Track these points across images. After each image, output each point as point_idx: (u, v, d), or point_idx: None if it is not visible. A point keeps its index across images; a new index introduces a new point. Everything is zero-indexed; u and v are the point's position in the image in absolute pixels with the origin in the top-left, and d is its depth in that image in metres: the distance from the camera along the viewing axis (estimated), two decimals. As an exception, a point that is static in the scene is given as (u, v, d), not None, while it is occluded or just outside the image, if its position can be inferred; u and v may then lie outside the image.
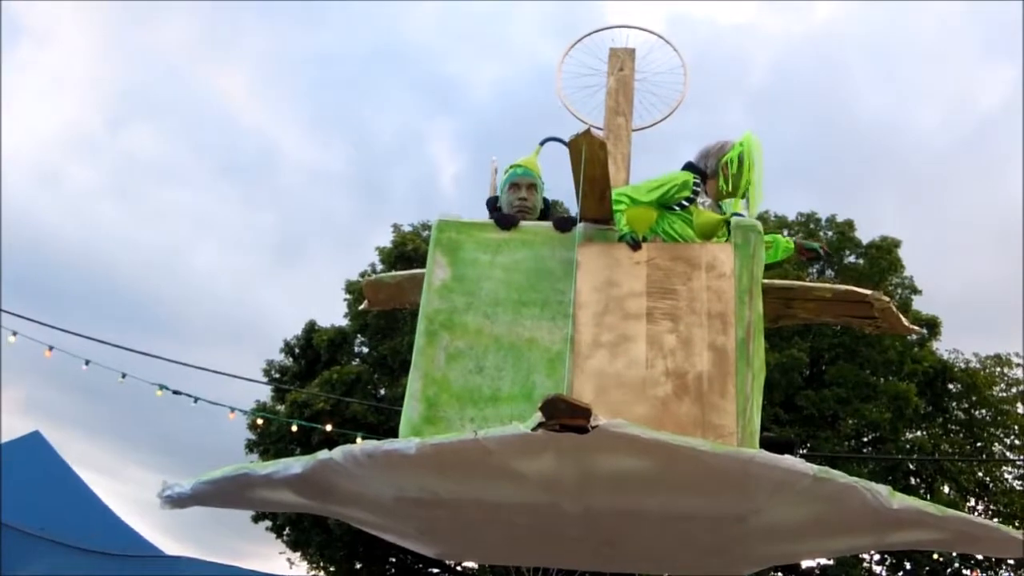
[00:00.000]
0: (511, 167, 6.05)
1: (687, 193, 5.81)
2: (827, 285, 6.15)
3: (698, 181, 5.90)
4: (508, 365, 4.99)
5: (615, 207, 5.39)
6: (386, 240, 29.68)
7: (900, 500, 4.09)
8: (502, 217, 5.45)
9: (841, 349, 28.38)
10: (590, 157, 4.90)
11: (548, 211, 6.03)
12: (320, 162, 63.35)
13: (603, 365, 4.80)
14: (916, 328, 6.66)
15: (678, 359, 4.77)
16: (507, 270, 5.19)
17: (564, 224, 5.27)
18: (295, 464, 4.52)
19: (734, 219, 5.39)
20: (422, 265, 5.54)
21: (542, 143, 6.15)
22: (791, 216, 33.82)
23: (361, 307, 7.19)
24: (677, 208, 5.80)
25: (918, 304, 31.21)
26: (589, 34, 8.06)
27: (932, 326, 30.48)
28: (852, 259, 32.18)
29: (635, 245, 5.12)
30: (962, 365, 31.31)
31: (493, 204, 6.04)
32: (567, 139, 4.95)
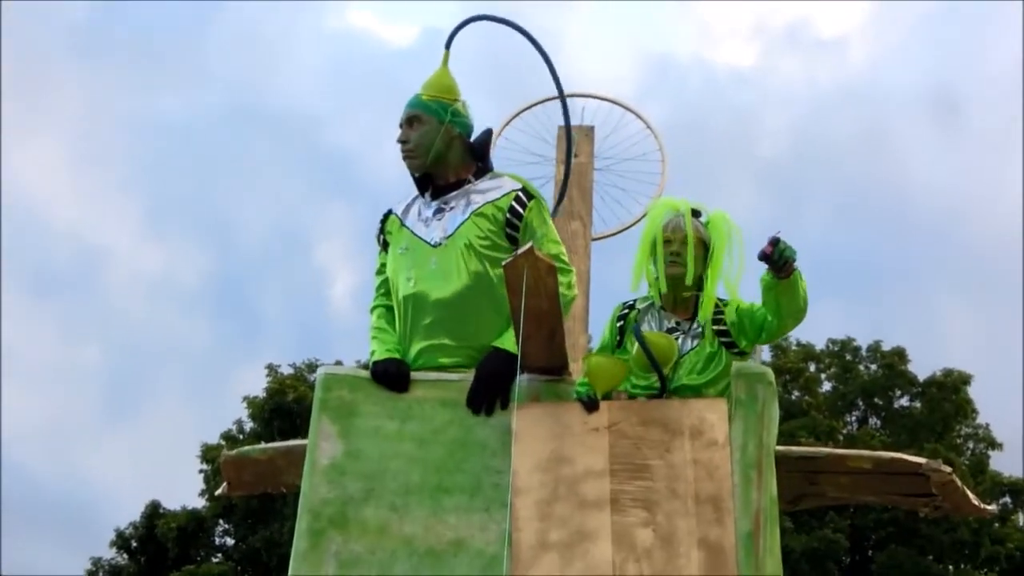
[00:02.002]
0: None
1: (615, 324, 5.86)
2: (865, 453, 6.20)
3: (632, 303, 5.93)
4: (425, 578, 4.97)
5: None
6: (258, 386, 29.57)
7: None
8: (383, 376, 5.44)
9: (893, 528, 28.49)
10: (533, 285, 4.95)
11: (480, 150, 5.84)
12: (165, 272, 63.06)
13: (554, 574, 4.79)
14: (989, 508, 6.71)
15: (656, 563, 4.76)
16: (421, 443, 5.19)
17: (479, 404, 5.27)
18: None
19: (735, 366, 5.44)
20: (308, 421, 5.49)
21: (451, 35, 5.97)
22: (819, 344, 34.17)
23: (218, 492, 7.14)
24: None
25: (998, 463, 31.52)
26: (530, 106, 8.16)
27: (1018, 493, 30.74)
28: (905, 402, 32.52)
29: (591, 405, 5.14)
30: (1061, 545, 31.47)
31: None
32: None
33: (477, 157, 5.77)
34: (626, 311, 5.79)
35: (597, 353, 5.54)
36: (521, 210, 5.55)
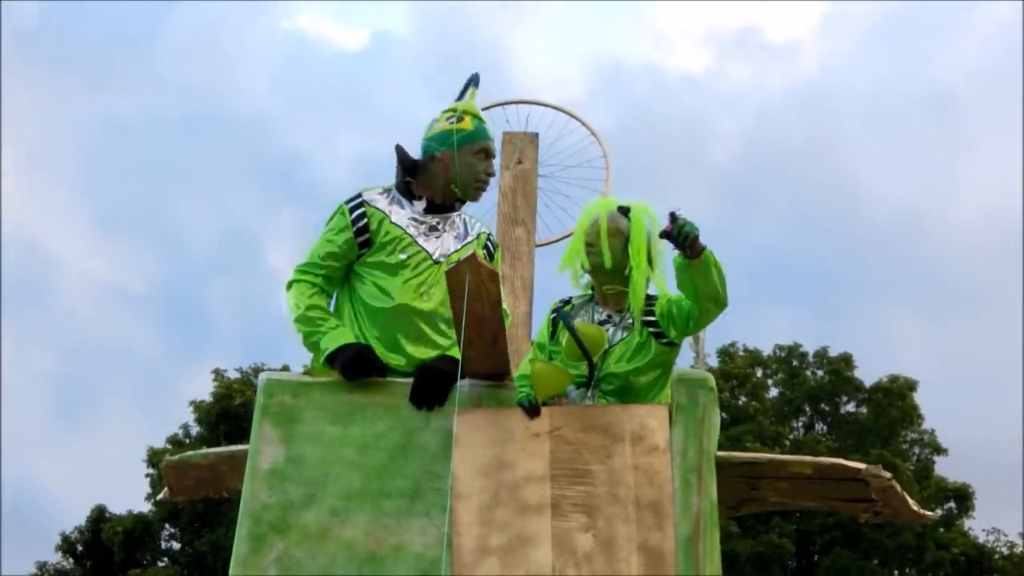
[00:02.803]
0: (464, 111, 5.87)
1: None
2: (807, 458, 6.23)
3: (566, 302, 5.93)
4: (366, 583, 4.98)
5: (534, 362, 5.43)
6: (204, 391, 29.45)
7: None
8: (352, 366, 5.41)
9: (839, 532, 28.65)
10: (476, 291, 4.97)
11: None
12: (114, 277, 62.72)
13: (493, 579, 4.81)
14: (929, 514, 6.73)
15: (597, 567, 4.78)
16: (362, 448, 5.20)
17: (423, 399, 5.29)
18: None
19: (676, 372, 5.46)
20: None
21: (475, 84, 6.03)
22: (766, 350, 34.33)
23: (160, 496, 7.13)
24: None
25: (943, 468, 31.74)
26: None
27: (962, 498, 30.99)
28: (851, 407, 32.69)
29: (532, 410, 5.16)
30: (1005, 551, 31.75)
31: (412, 167, 5.85)
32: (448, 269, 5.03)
33: None
34: (561, 305, 5.79)
35: (541, 359, 5.53)
36: (489, 254, 5.77)
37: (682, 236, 5.09)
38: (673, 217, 5.10)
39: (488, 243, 5.88)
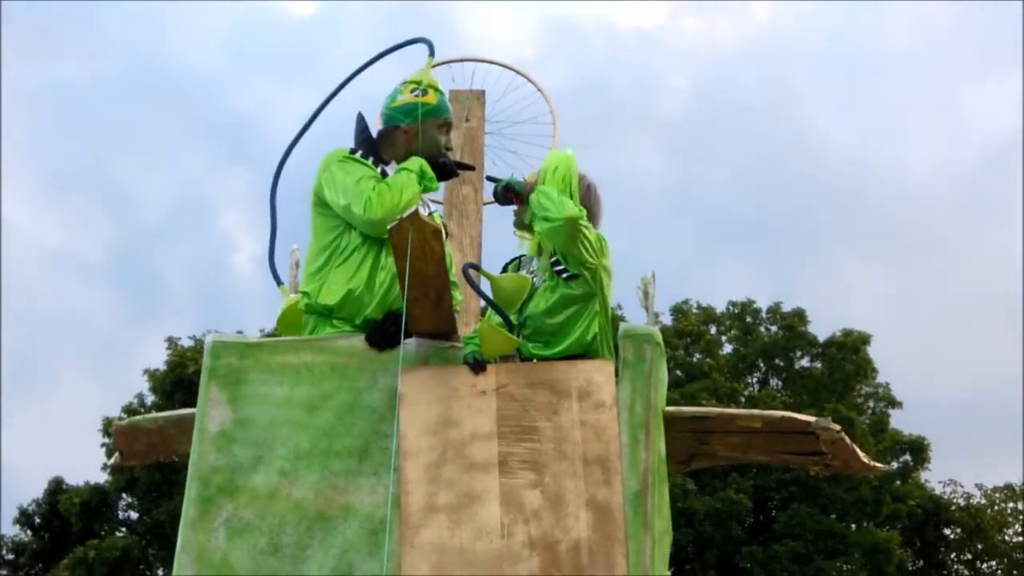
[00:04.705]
0: (427, 86, 5.88)
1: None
2: (756, 412, 6.25)
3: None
4: (315, 542, 4.99)
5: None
6: (159, 359, 29.38)
7: None
8: (445, 167, 5.64)
9: (796, 488, 28.83)
10: (419, 249, 4.97)
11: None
12: (64, 243, 62.23)
13: (442, 536, 4.82)
14: (879, 466, 6.77)
15: (545, 523, 4.82)
16: (310, 408, 5.21)
17: (381, 338, 5.31)
18: None
19: (623, 327, 5.48)
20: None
21: (405, 44, 6.11)
22: (720, 307, 34.43)
23: (111, 462, 7.13)
24: None
25: (897, 421, 31.97)
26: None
27: (917, 450, 31.21)
28: (805, 362, 32.84)
29: (477, 367, 5.18)
30: (961, 502, 32.05)
31: (369, 144, 5.82)
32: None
33: None
34: (508, 263, 5.85)
35: (487, 321, 5.55)
36: (444, 230, 5.73)
37: (498, 196, 5.66)
38: (491, 178, 5.74)
39: (443, 219, 5.98)
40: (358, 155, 5.63)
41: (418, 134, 5.69)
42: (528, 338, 5.48)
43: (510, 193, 5.57)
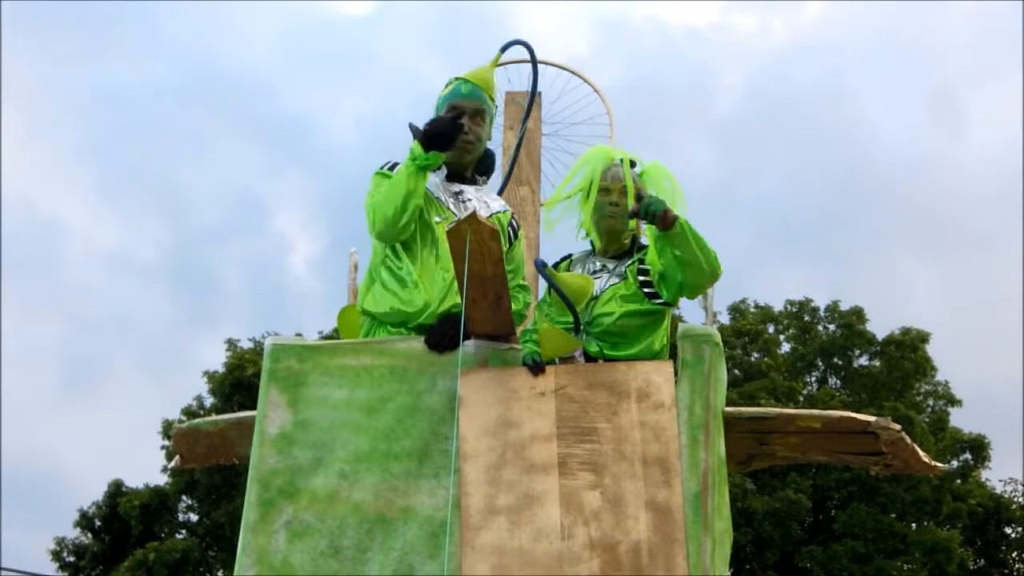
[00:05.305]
0: (455, 79, 5.91)
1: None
2: (815, 412, 6.21)
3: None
4: (375, 544, 5.00)
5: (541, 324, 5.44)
6: (217, 361, 29.53)
7: None
8: (433, 127, 5.47)
9: (855, 487, 28.65)
10: (477, 250, 4.97)
11: (487, 164, 6.01)
12: (120, 247, 62.53)
13: (502, 538, 4.82)
14: (939, 465, 6.71)
15: (605, 525, 4.81)
16: (370, 411, 5.22)
17: (439, 341, 5.31)
18: None
19: (681, 328, 5.46)
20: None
21: (504, 48, 6.07)
22: (777, 306, 34.29)
23: (171, 464, 7.18)
24: None
25: (957, 419, 31.68)
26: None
27: (977, 449, 30.94)
28: (864, 361, 32.63)
29: (536, 368, 5.16)
30: (1022, 500, 31.71)
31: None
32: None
33: (483, 163, 5.95)
34: (559, 261, 5.82)
35: (545, 321, 5.54)
36: (514, 233, 5.83)
37: (649, 215, 5.22)
38: (639, 197, 5.30)
39: (514, 221, 5.91)
40: (386, 168, 5.66)
41: None
42: (596, 336, 5.46)
43: (647, 216, 5.28)
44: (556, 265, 5.83)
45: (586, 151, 5.96)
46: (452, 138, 5.54)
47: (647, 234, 5.61)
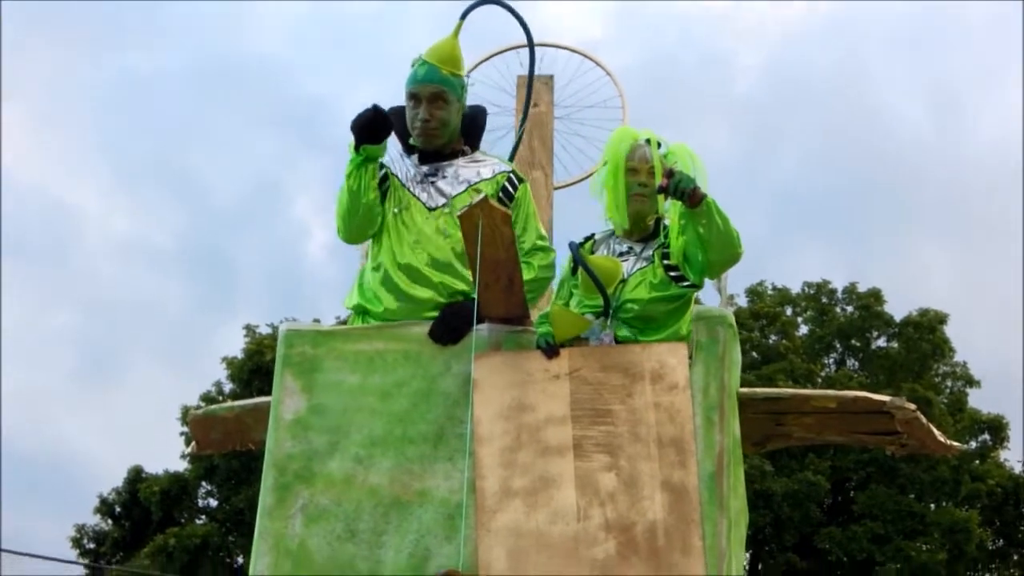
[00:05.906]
0: (414, 61, 5.67)
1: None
2: (830, 392, 6.22)
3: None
4: (391, 527, 5.01)
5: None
6: (236, 347, 29.60)
7: None
8: (355, 122, 5.32)
9: (873, 468, 28.67)
10: (490, 235, 4.97)
11: (475, 129, 5.84)
12: (137, 234, 62.53)
13: (518, 520, 4.83)
14: (955, 445, 6.71)
15: (621, 506, 4.81)
16: (384, 396, 5.22)
17: (444, 334, 5.30)
18: None
19: (695, 309, 5.45)
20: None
21: (464, 15, 5.81)
22: (795, 287, 34.26)
23: (189, 450, 7.20)
24: None
25: (976, 400, 31.64)
26: (486, 58, 8.15)
27: (996, 429, 30.93)
28: (882, 342, 32.60)
29: (550, 351, 5.15)
30: (1042, 480, 31.64)
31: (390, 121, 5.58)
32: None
33: (468, 133, 5.76)
34: (576, 242, 5.74)
35: (558, 303, 5.52)
36: (512, 190, 5.60)
37: (678, 192, 5.10)
38: (670, 173, 5.12)
39: (511, 178, 5.66)
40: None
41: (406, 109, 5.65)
42: (626, 321, 5.41)
43: (677, 192, 5.14)
44: (580, 245, 5.73)
45: (610, 135, 5.87)
46: (378, 128, 5.34)
47: (670, 214, 5.54)
